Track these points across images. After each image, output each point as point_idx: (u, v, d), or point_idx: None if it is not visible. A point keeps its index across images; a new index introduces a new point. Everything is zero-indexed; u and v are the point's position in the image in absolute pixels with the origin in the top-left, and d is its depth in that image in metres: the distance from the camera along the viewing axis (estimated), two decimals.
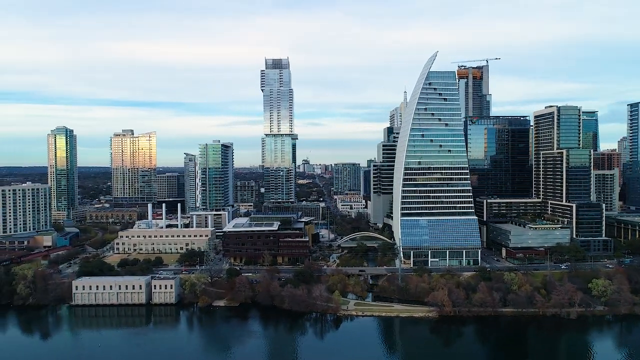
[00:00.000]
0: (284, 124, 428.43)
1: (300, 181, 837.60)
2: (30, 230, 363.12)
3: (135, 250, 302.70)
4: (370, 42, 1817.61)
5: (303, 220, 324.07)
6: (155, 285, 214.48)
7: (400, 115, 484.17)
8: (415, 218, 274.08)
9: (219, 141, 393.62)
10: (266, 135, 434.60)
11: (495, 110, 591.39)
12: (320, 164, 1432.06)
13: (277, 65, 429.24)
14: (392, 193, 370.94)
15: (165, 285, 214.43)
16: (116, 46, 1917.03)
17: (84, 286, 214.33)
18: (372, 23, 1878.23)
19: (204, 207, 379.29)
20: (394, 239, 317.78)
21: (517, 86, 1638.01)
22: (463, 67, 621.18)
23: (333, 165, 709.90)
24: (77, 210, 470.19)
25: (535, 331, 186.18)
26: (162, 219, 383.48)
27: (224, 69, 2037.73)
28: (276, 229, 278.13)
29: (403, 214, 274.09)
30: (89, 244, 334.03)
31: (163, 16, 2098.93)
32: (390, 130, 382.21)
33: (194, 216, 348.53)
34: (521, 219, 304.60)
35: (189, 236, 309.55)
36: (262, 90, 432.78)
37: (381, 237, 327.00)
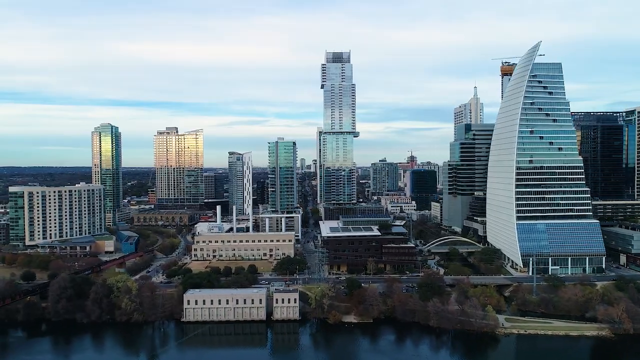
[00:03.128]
0: (345, 121, 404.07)
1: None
2: (85, 234, 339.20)
3: (214, 256, 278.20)
4: (370, 43, 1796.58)
5: (399, 224, 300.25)
6: (277, 299, 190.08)
7: (471, 112, 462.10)
8: (532, 222, 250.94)
9: (283, 138, 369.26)
10: (326, 133, 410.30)
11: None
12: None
13: (338, 58, 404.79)
14: (471, 194, 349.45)
15: (289, 299, 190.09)
16: (116, 46, 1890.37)
17: (196, 300, 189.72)
18: (373, 23, 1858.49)
19: (274, 209, 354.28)
20: (489, 244, 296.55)
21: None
22: (507, 64, 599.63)
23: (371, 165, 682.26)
24: (122, 212, 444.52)
25: None
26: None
27: (223, 69, 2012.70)
28: (379, 234, 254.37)
29: (519, 218, 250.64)
30: (157, 249, 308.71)
31: (163, 16, 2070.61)
32: (468, 128, 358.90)
33: (267, 219, 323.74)
34: (630, 222, 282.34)
35: (271, 241, 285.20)
36: (322, 86, 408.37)
37: (473, 241, 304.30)
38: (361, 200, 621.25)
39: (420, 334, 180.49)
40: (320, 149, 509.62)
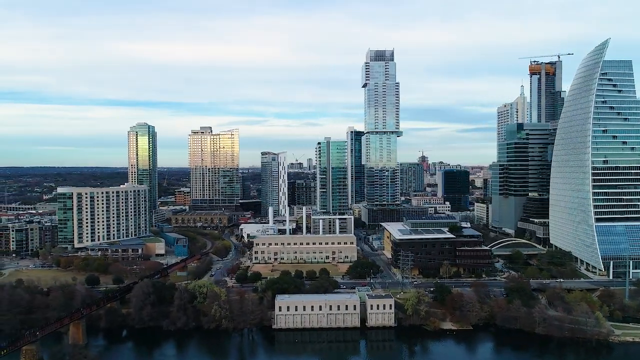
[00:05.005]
0: (389, 121, 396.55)
1: None
2: (131, 236, 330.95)
3: (275, 259, 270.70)
4: (370, 43, 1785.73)
5: (467, 226, 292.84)
6: (371, 305, 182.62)
7: (517, 112, 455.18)
8: (610, 224, 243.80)
9: (330, 138, 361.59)
10: (369, 132, 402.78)
11: None
12: None
13: (381, 56, 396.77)
14: (524, 195, 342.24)
15: (384, 305, 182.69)
16: (116, 46, 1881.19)
17: (288, 307, 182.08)
18: (373, 23, 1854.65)
19: (324, 209, 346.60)
20: (552, 246, 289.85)
21: (515, 86, 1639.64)
22: (535, 63, 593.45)
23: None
24: (157, 213, 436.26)
25: None
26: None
27: (223, 69, 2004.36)
28: (451, 236, 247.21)
29: (598, 219, 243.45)
30: (212, 251, 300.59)
31: (163, 16, 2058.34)
32: (520, 127, 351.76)
33: (320, 221, 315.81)
34: None
35: (332, 243, 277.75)
36: (365, 85, 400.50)
37: (534, 244, 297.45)
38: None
39: (526, 341, 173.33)
40: (352, 149, 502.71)
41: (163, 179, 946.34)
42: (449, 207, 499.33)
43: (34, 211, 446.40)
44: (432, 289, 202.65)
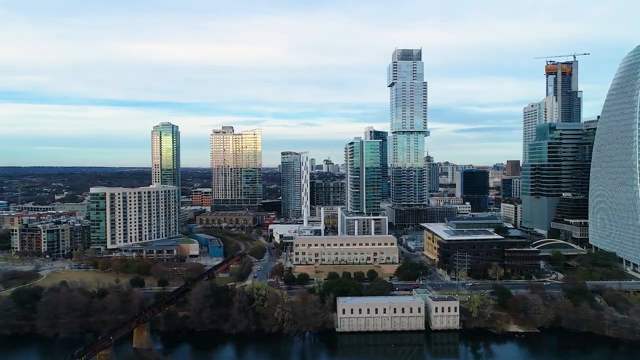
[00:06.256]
0: (417, 121, 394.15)
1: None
2: (162, 236, 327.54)
3: (317, 260, 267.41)
4: (370, 43, 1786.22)
5: (511, 226, 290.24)
6: (436, 308, 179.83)
7: (546, 112, 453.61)
8: None
9: (360, 138, 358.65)
10: (396, 132, 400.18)
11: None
12: (343, 164, 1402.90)
13: (408, 56, 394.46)
14: (558, 195, 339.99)
15: (449, 308, 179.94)
16: (116, 46, 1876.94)
17: (352, 309, 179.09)
18: (373, 23, 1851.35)
19: (358, 210, 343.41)
20: (592, 247, 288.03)
21: (514, 86, 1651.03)
22: (552, 63, 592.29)
23: None
24: (180, 213, 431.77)
25: None
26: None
27: (223, 69, 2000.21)
28: (499, 237, 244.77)
29: None
30: (249, 253, 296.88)
31: (163, 16, 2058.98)
32: (552, 127, 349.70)
33: (355, 221, 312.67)
34: None
35: (373, 244, 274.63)
36: (392, 84, 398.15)
37: (572, 245, 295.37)
38: None
39: (595, 344, 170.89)
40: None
41: None
42: (469, 207, 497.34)
43: (53, 211, 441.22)
44: (489, 291, 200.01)
